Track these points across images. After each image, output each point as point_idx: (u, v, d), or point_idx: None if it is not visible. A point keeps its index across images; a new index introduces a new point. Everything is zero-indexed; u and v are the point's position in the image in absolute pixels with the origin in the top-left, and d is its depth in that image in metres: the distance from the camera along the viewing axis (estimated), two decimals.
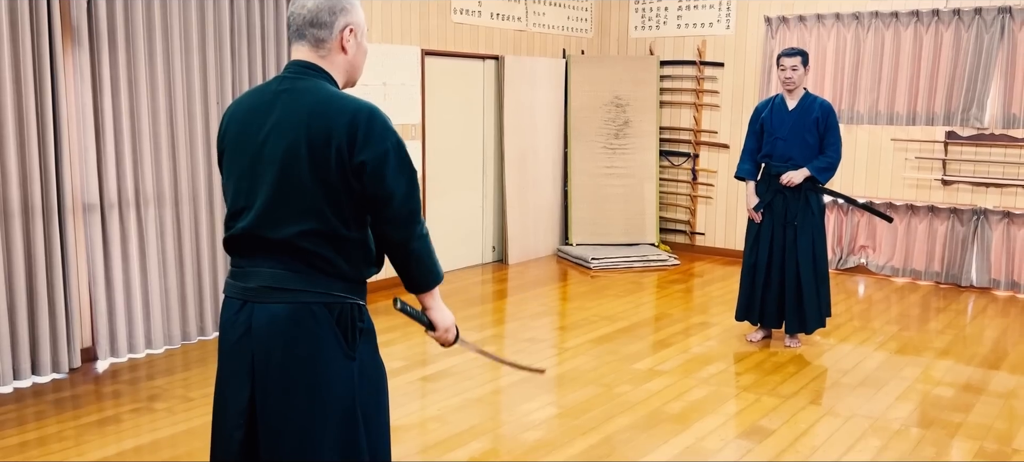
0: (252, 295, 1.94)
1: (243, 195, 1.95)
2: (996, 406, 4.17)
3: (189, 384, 4.36)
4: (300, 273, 1.91)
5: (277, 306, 1.91)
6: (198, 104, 4.92)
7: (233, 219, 1.99)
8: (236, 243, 1.98)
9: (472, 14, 6.95)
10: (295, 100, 1.91)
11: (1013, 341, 5.33)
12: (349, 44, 1.99)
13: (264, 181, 1.90)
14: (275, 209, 1.90)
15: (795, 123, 4.82)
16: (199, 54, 4.90)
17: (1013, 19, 6.37)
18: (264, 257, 1.93)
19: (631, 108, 7.96)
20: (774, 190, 4.87)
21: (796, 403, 4.18)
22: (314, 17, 1.93)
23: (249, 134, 1.94)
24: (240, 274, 1.98)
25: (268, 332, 1.92)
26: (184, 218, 4.92)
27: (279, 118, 1.90)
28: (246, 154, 1.94)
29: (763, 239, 4.92)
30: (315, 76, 1.95)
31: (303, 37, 1.95)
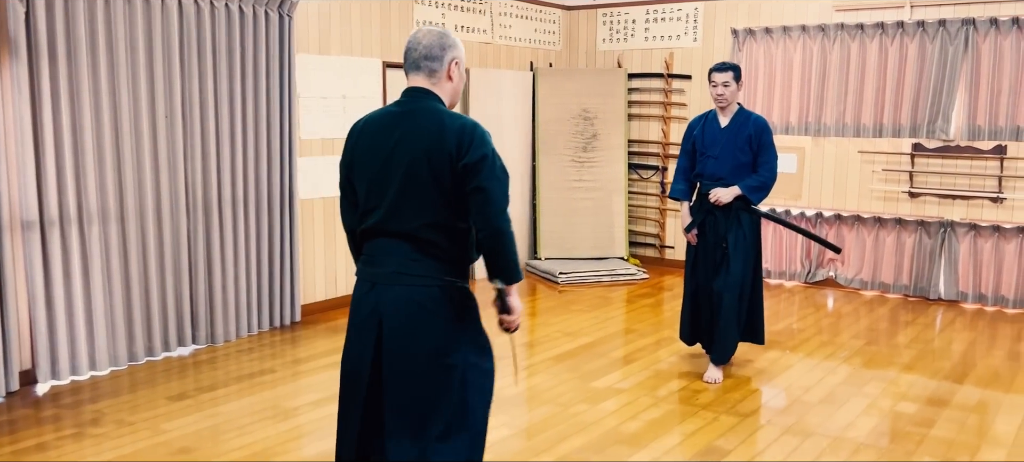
0: (380, 278, 2.39)
1: (374, 196, 2.39)
2: (959, 421, 4.09)
3: (131, 407, 4.21)
4: (419, 261, 2.36)
5: (401, 288, 2.36)
6: (145, 117, 4.78)
7: (365, 216, 2.43)
8: (368, 235, 2.44)
9: (435, 26, 6.84)
10: (416, 118, 2.35)
11: (979, 354, 5.27)
12: (454, 73, 2.44)
13: (392, 184, 2.35)
14: (401, 206, 2.35)
15: (727, 141, 4.55)
16: (146, 66, 4.77)
17: (977, 31, 6.36)
18: (391, 246, 2.38)
19: (599, 121, 7.88)
20: (705, 210, 4.61)
21: (755, 421, 4.08)
22: (428, 52, 2.37)
23: (378, 145, 2.37)
24: (370, 261, 2.43)
25: (393, 309, 2.36)
26: (131, 235, 4.78)
27: (404, 133, 2.35)
28: (376, 162, 2.37)
29: (700, 261, 4.69)
30: (430, 99, 2.39)
31: (419, 68, 2.39)
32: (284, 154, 5.58)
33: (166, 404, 4.24)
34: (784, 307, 6.54)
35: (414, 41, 2.39)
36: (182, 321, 5.11)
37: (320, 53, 5.92)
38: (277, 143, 5.52)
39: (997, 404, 4.36)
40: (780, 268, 7.40)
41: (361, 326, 2.43)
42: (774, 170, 4.55)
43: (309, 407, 4.21)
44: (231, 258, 5.30)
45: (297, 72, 5.70)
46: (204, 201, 5.15)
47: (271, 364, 4.91)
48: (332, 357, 5.05)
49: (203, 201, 5.14)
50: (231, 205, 5.29)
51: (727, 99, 4.54)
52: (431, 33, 2.40)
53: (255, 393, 4.40)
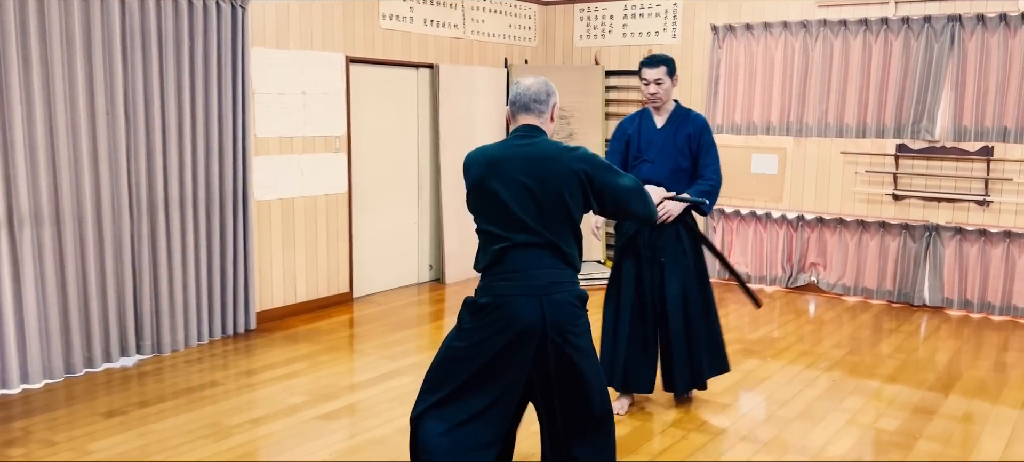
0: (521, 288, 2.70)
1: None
2: (943, 438, 3.85)
3: (59, 425, 3.91)
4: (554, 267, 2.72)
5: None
6: (83, 114, 4.49)
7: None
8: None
9: (403, 20, 6.58)
10: (535, 149, 2.73)
11: (964, 365, 5.04)
12: (556, 116, 2.84)
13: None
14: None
15: (665, 143, 4.00)
16: (84, 60, 4.48)
17: (963, 28, 6.13)
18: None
19: (575, 120, 7.63)
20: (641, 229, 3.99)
21: (726, 440, 3.83)
22: (536, 97, 2.76)
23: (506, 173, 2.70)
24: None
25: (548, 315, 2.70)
26: (67, 238, 4.48)
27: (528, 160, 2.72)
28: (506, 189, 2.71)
29: (627, 286, 4.03)
30: (541, 134, 2.79)
31: (529, 110, 2.76)
32: (237, 152, 5.30)
33: (97, 421, 3.95)
34: (764, 313, 6.30)
35: (523, 88, 2.77)
36: (125, 330, 4.82)
37: (278, 47, 5.64)
38: (230, 141, 5.23)
39: (983, 418, 4.12)
40: (760, 272, 7.16)
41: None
42: (719, 172, 4.01)
43: (249, 425, 3.93)
44: (179, 262, 5.01)
45: (252, 67, 5.42)
46: (149, 202, 4.86)
47: (217, 376, 4.62)
48: (287, 368, 4.77)
49: (148, 202, 4.86)
50: (179, 206, 5.00)
51: (661, 98, 3.98)
52: (537, 82, 2.78)
53: (194, 409, 4.11)
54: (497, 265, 2.65)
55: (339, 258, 6.28)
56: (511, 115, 2.79)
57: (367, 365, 4.89)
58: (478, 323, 2.67)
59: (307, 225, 5.99)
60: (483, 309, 2.66)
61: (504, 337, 2.63)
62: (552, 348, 2.64)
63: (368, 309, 6.22)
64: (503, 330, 2.63)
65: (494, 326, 2.63)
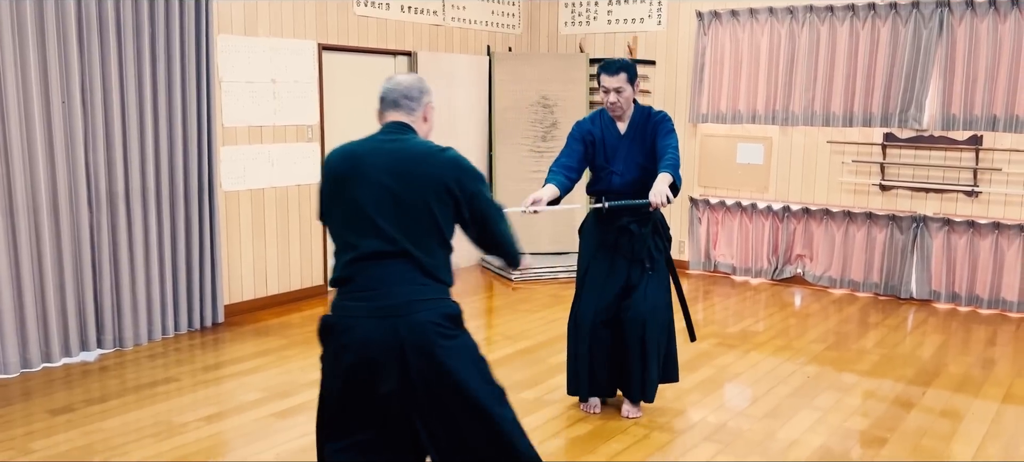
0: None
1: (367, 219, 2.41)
2: (913, 442, 3.72)
3: (4, 422, 3.82)
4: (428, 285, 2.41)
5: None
6: (36, 103, 4.39)
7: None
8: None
9: (379, 7, 6.44)
10: (402, 146, 2.43)
11: (947, 360, 4.90)
12: (430, 116, 2.54)
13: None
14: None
15: (630, 149, 3.80)
16: (37, 47, 4.37)
17: (952, 13, 5.96)
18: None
19: (559, 109, 7.49)
20: (618, 229, 3.81)
21: (689, 439, 3.71)
22: (408, 92, 2.49)
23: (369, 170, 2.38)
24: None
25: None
26: (21, 230, 4.38)
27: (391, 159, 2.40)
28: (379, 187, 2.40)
29: (607, 288, 3.84)
30: (411, 132, 2.49)
31: (399, 106, 2.48)
32: (202, 142, 5.19)
33: (44, 419, 3.86)
34: (747, 306, 6.17)
35: (394, 83, 2.51)
36: (85, 324, 4.73)
37: (246, 34, 5.51)
38: (194, 130, 5.12)
39: (959, 419, 3.99)
40: (746, 264, 7.02)
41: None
42: (677, 151, 3.67)
43: (199, 423, 3.83)
44: (141, 254, 4.91)
45: (219, 55, 5.30)
46: (108, 193, 4.76)
47: (175, 372, 4.52)
48: (251, 363, 4.68)
49: (108, 193, 4.75)
50: (141, 197, 4.89)
51: (622, 108, 3.74)
52: (409, 77, 2.53)
53: (146, 406, 4.02)
54: (348, 280, 2.31)
55: (312, 250, 6.17)
56: (379, 113, 2.51)
57: None
58: (328, 349, 2.35)
59: (278, 216, 5.88)
60: (331, 331, 2.33)
61: (353, 367, 2.28)
62: (418, 378, 2.26)
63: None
64: (350, 358, 2.28)
65: (342, 354, 2.30)
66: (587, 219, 4.00)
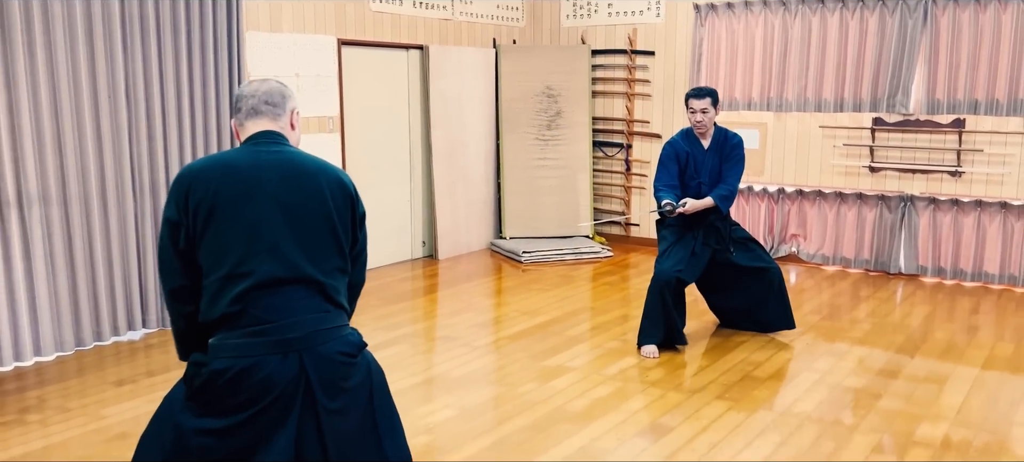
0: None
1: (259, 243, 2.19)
2: (906, 395, 4.10)
3: (73, 393, 4.14)
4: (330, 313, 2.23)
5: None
6: (86, 98, 4.68)
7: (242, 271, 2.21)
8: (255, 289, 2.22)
9: (393, 2, 6.75)
10: (292, 158, 2.19)
11: (934, 327, 5.29)
12: (296, 123, 2.29)
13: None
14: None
15: (712, 166, 4.71)
16: (86, 45, 4.66)
17: (936, 3, 6.33)
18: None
19: (563, 98, 7.82)
20: (706, 224, 4.75)
21: (702, 398, 4.08)
22: (268, 97, 2.21)
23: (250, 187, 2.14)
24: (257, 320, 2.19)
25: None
26: (74, 218, 4.69)
27: (281, 174, 2.16)
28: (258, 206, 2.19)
29: (690, 261, 4.70)
30: (287, 142, 2.23)
31: (260, 112, 2.20)
32: (234, 134, 5.48)
33: (109, 389, 4.18)
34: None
35: (251, 89, 2.21)
36: (131, 305, 5.04)
37: (271, 31, 5.82)
38: (227, 123, 5.43)
39: (946, 376, 4.37)
40: None
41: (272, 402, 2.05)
42: (738, 180, 4.72)
43: None
44: None
45: (247, 51, 5.61)
46: (151, 183, 5.06)
47: None
48: None
49: (150, 183, 5.06)
50: None
51: (706, 125, 4.64)
52: (268, 82, 2.25)
53: None
54: (238, 315, 2.01)
55: None
56: (237, 124, 2.23)
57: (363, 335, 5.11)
58: (213, 400, 2.01)
59: None
60: (220, 377, 1.99)
61: (257, 412, 2.00)
62: (326, 418, 2.05)
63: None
64: (254, 402, 1.99)
65: (239, 397, 1.99)
66: (668, 220, 4.79)
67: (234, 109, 2.23)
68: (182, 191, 2.07)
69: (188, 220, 2.06)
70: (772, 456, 3.43)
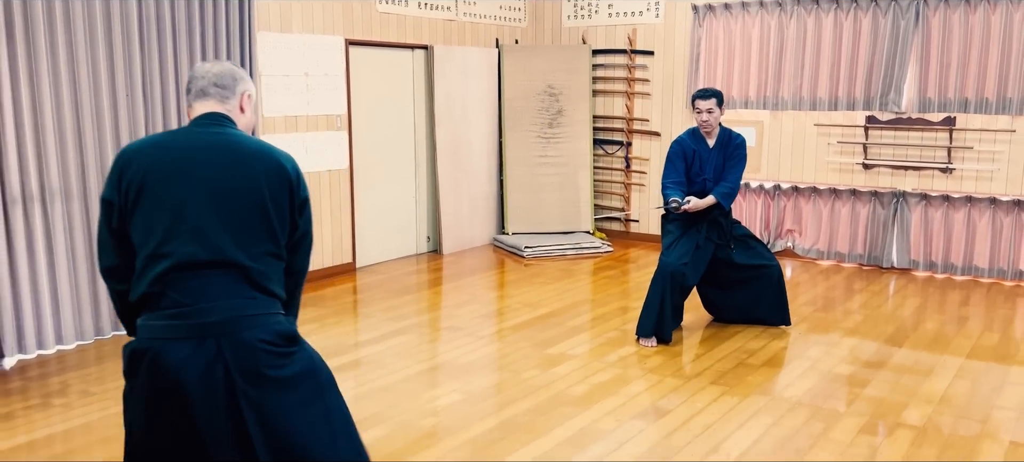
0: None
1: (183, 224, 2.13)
2: (892, 382, 4.28)
3: (95, 378, 4.33)
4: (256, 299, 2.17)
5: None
6: (105, 96, 4.86)
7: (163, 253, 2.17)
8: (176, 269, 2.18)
9: (398, 3, 6.93)
10: (233, 141, 2.15)
11: (923, 318, 5.46)
12: (246, 106, 2.25)
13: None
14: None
15: (716, 163, 4.99)
16: (105, 45, 4.84)
17: (927, 5, 6.51)
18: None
19: (564, 97, 8.00)
20: (709, 220, 5.00)
21: (697, 383, 4.25)
22: (219, 79, 2.19)
23: (184, 168, 2.09)
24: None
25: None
26: (94, 212, 4.87)
27: (218, 156, 2.12)
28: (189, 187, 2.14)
29: (695, 255, 4.93)
30: (233, 124, 2.21)
31: (208, 94, 2.18)
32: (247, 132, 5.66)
33: None
34: None
35: (202, 70, 2.21)
36: None
37: (281, 31, 6.00)
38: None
39: (932, 365, 4.55)
40: None
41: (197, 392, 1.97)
42: (739, 179, 4.99)
43: None
44: None
45: (258, 50, 5.78)
46: None
47: None
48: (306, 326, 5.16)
49: None
50: None
51: (711, 124, 4.91)
52: (220, 64, 2.24)
53: None
54: (158, 296, 1.97)
55: (342, 230, 6.67)
56: (188, 106, 2.20)
57: (371, 326, 5.30)
58: (136, 382, 1.99)
59: (312, 199, 6.36)
60: (140, 360, 1.96)
61: (169, 399, 1.94)
62: (248, 407, 1.96)
63: (370, 278, 6.62)
64: (164, 387, 1.93)
65: (154, 383, 1.94)
66: (673, 215, 5.03)
67: (186, 87, 2.21)
68: (117, 171, 2.07)
69: (120, 199, 2.06)
70: (764, 436, 3.61)
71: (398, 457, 3.41)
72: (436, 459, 3.39)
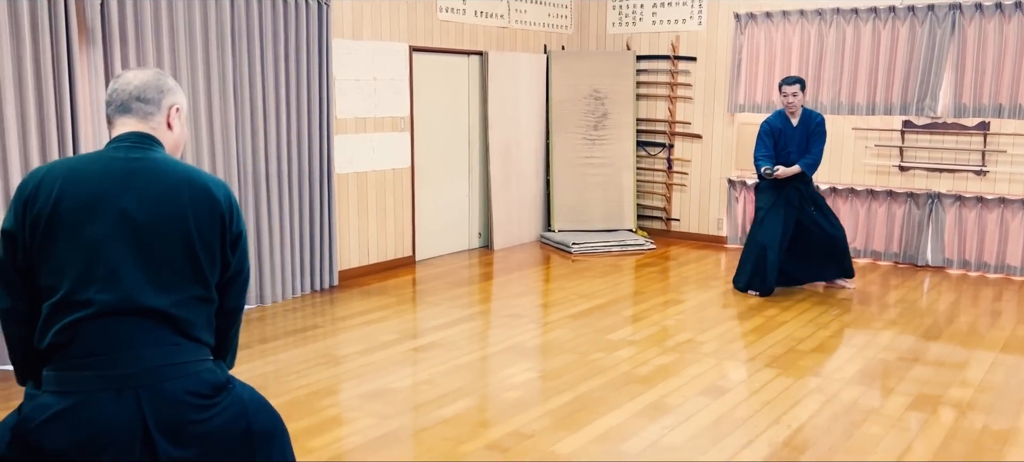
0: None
1: (100, 266, 1.90)
2: (935, 366, 4.61)
3: None
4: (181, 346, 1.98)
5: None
6: (202, 97, 5.29)
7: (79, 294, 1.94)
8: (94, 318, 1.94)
9: (457, 12, 7.33)
10: (158, 169, 1.92)
11: (959, 313, 5.78)
12: (174, 122, 2.01)
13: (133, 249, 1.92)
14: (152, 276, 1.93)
15: (799, 140, 5.98)
16: (202, 51, 5.27)
17: (963, 15, 6.82)
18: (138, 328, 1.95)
19: (609, 101, 8.36)
20: (790, 188, 6.00)
21: (753, 366, 4.61)
22: (141, 92, 1.95)
23: (101, 199, 1.86)
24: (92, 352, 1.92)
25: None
26: None
27: (143, 184, 1.90)
28: (105, 221, 1.91)
29: (785, 221, 5.96)
30: (159, 147, 1.96)
31: (129, 110, 1.94)
32: (322, 132, 6.09)
33: None
34: None
35: (123, 82, 1.95)
36: None
37: (353, 38, 6.41)
38: (317, 122, 6.02)
39: (971, 353, 4.87)
40: None
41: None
42: (821, 151, 6.01)
43: (356, 355, 4.74)
44: (277, 227, 5.82)
45: (333, 56, 6.20)
46: (254, 175, 5.66)
47: (315, 321, 5.44)
48: (368, 316, 5.58)
49: (253, 175, 5.66)
50: (277, 178, 5.80)
51: (796, 106, 5.99)
52: (144, 73, 1.98)
53: (306, 345, 4.93)
54: (67, 346, 1.77)
55: (403, 225, 7.08)
56: (108, 121, 1.97)
57: (440, 312, 5.69)
58: (36, 439, 1.75)
59: (377, 196, 6.79)
60: (42, 412, 1.76)
61: (80, 458, 1.74)
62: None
63: (429, 270, 7.02)
64: (80, 448, 1.74)
65: (61, 441, 1.74)
66: (763, 182, 6.09)
67: (106, 102, 1.97)
68: (22, 200, 1.83)
69: (25, 233, 1.82)
70: (820, 411, 3.96)
71: (489, 423, 3.79)
72: (526, 424, 3.77)
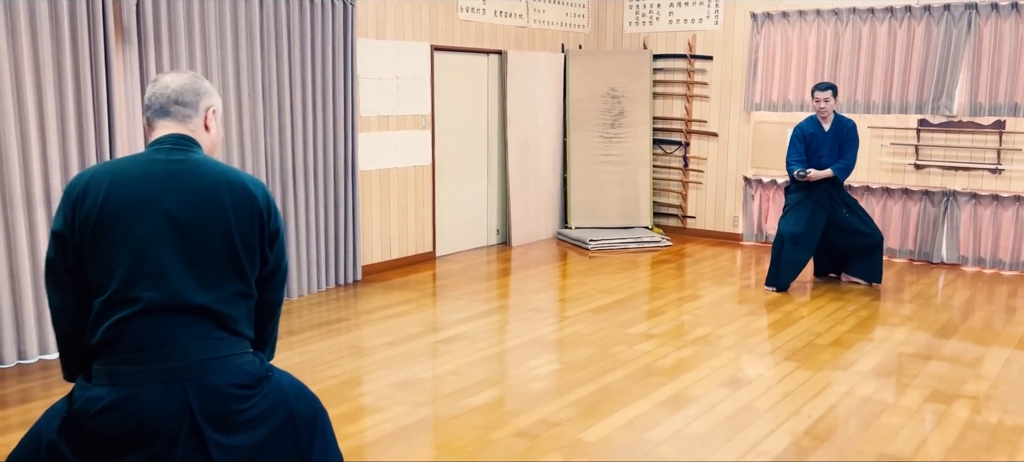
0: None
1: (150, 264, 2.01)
2: (952, 360, 4.69)
3: None
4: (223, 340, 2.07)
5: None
6: (232, 95, 5.42)
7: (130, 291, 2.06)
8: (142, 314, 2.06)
9: (477, 12, 7.44)
10: (200, 170, 2.01)
11: (974, 309, 5.85)
12: (211, 124, 2.11)
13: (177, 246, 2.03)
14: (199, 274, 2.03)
15: (831, 144, 6.11)
16: (233, 51, 5.40)
17: (979, 14, 6.88)
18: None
19: (626, 99, 8.46)
20: (819, 190, 6.16)
21: (773, 359, 4.70)
22: (179, 95, 2.04)
23: (147, 200, 1.96)
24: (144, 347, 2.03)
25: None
26: None
27: (185, 186, 1.99)
28: (151, 221, 2.01)
29: (809, 223, 6.11)
30: (199, 149, 2.05)
31: (168, 113, 2.03)
32: (347, 130, 6.21)
33: None
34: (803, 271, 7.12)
35: (161, 86, 2.04)
36: None
37: (377, 38, 6.53)
38: (342, 119, 6.15)
39: (986, 349, 4.95)
40: None
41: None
42: (854, 157, 6.11)
43: (383, 347, 4.86)
44: (304, 222, 5.95)
45: (358, 55, 6.32)
46: (281, 171, 5.79)
47: (342, 314, 5.56)
48: (392, 309, 5.70)
49: (280, 171, 5.79)
50: (304, 175, 5.93)
51: (828, 111, 6.09)
52: (181, 76, 2.06)
53: (334, 337, 5.06)
54: (117, 342, 1.86)
55: (424, 222, 7.19)
56: (147, 125, 2.07)
57: (463, 306, 5.80)
58: (90, 429, 1.85)
59: (399, 193, 6.91)
60: (95, 404, 1.85)
61: (135, 448, 1.84)
62: (216, 453, 1.88)
63: (449, 265, 7.14)
64: (130, 441, 1.83)
65: (113, 431, 1.83)
66: (794, 183, 6.22)
67: (145, 106, 2.06)
68: (70, 203, 1.92)
69: (74, 235, 1.90)
70: (839, 402, 4.05)
71: (516, 412, 3.90)
72: (552, 413, 3.87)
